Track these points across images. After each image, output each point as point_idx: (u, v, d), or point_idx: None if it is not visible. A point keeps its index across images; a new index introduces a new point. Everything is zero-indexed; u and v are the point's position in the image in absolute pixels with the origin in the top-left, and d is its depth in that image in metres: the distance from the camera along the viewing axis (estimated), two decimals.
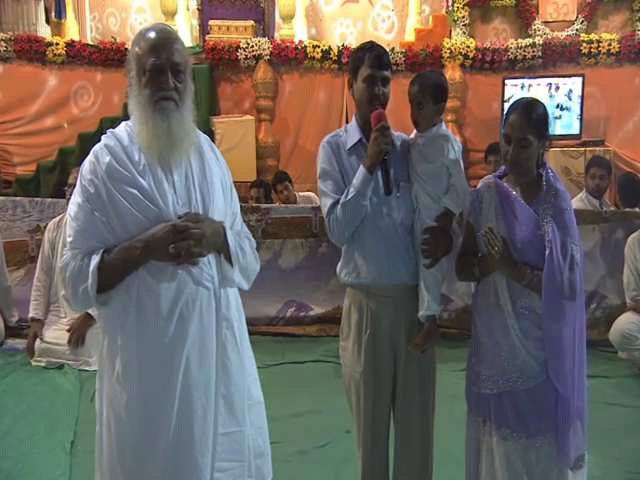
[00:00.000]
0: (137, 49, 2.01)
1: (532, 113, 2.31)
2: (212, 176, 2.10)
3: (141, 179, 1.98)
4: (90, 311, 4.15)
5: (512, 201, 2.37)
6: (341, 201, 2.38)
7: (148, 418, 1.96)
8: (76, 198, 2.03)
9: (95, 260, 1.96)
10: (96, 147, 2.06)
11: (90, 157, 2.04)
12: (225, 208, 2.14)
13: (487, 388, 2.40)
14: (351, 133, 2.51)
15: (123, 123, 2.11)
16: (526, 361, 2.34)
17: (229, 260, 2.06)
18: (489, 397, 2.40)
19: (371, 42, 2.49)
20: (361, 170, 2.37)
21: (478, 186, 2.48)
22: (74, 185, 2.09)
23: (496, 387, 2.38)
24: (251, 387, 2.17)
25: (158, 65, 1.97)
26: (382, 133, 2.33)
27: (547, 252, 2.27)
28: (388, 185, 2.36)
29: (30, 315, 4.80)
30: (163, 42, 1.99)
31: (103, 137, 2.08)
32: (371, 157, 2.35)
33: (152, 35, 2.01)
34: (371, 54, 2.41)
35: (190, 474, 1.97)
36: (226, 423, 2.04)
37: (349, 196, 2.37)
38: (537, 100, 2.41)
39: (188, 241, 1.93)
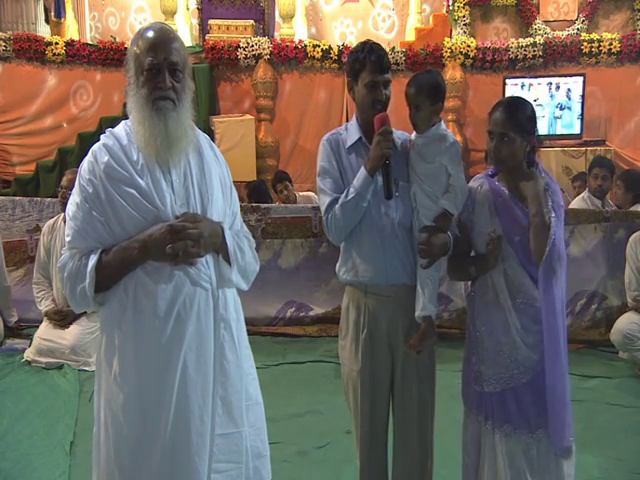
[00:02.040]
0: (135, 48, 2.00)
1: (514, 110, 2.32)
2: (211, 175, 2.09)
3: (139, 179, 1.97)
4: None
5: (505, 200, 2.38)
6: (340, 201, 2.37)
7: (145, 419, 1.95)
8: (75, 198, 2.02)
9: (93, 260, 1.95)
10: (95, 147, 2.05)
11: (89, 157, 2.04)
12: (224, 208, 2.12)
13: (490, 386, 2.40)
14: (351, 132, 2.49)
15: (122, 122, 2.10)
16: (526, 356, 2.35)
17: (227, 260, 2.05)
18: (491, 395, 2.39)
19: (370, 43, 2.44)
20: (362, 172, 2.36)
21: (469, 185, 2.48)
22: (67, 187, 2.08)
23: (499, 385, 2.38)
24: (249, 388, 2.15)
25: (155, 64, 1.95)
26: (385, 137, 2.32)
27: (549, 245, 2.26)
28: (389, 190, 2.35)
29: (43, 310, 4.71)
30: (161, 41, 1.97)
31: (102, 137, 2.07)
32: (373, 160, 2.34)
33: (150, 34, 2.00)
34: (371, 58, 2.37)
35: (187, 475, 1.96)
36: (223, 424, 2.03)
37: (349, 197, 2.36)
38: (522, 99, 2.41)
39: (185, 241, 1.92)
